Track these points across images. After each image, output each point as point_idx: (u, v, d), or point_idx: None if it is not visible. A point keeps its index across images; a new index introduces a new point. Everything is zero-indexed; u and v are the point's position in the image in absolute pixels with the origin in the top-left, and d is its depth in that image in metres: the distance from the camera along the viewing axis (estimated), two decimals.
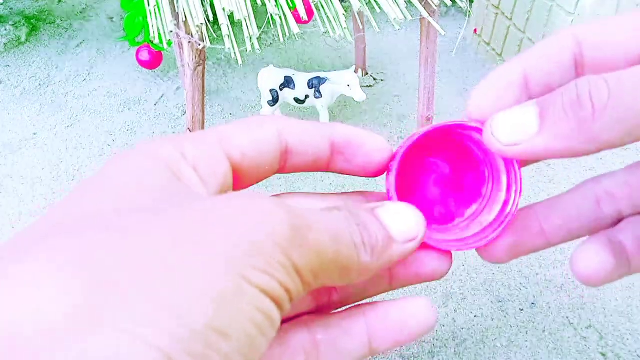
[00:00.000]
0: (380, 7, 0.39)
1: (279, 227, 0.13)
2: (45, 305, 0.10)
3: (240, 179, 0.16)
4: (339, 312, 0.20)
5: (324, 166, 0.18)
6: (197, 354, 0.11)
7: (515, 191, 0.19)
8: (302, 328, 0.19)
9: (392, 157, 0.18)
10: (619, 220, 0.20)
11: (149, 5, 0.40)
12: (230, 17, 0.37)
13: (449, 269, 0.19)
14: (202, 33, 0.39)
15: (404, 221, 0.17)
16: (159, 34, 0.40)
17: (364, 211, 0.17)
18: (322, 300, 0.19)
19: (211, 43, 0.40)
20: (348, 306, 0.21)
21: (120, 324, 0.10)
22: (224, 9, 0.36)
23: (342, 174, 0.20)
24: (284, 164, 0.17)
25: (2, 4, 0.82)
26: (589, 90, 0.16)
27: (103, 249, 0.11)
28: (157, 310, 0.11)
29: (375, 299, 0.20)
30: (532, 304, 0.36)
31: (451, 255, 0.18)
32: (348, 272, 0.16)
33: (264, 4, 0.38)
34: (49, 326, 0.10)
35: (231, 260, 0.12)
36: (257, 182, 0.17)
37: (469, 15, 0.77)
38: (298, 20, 0.45)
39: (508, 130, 0.17)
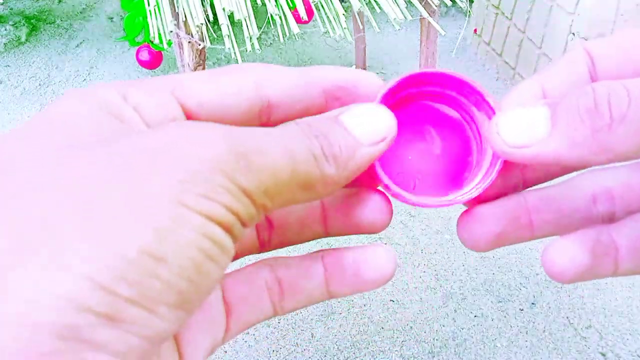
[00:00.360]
0: (380, 7, 0.39)
1: (217, 151, 0.12)
2: None
3: None
4: (299, 255, 0.20)
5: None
6: (133, 280, 0.11)
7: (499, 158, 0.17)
8: (265, 267, 0.19)
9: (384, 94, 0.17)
10: (610, 221, 0.19)
11: (149, 5, 0.40)
12: (230, 17, 0.37)
13: (389, 222, 0.18)
14: (202, 33, 0.39)
15: (371, 122, 0.16)
16: (159, 34, 0.40)
17: (325, 119, 0.16)
18: (262, 238, 0.18)
19: (211, 43, 0.40)
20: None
21: (46, 260, 0.10)
22: (224, 9, 0.36)
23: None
24: (268, 119, 0.16)
25: (2, 4, 0.82)
26: (607, 98, 0.15)
27: (33, 189, 0.11)
28: (89, 244, 0.10)
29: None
30: (532, 304, 0.36)
31: (391, 207, 0.18)
32: (311, 188, 0.15)
33: (264, 4, 0.38)
34: None
35: (167, 189, 0.12)
36: None
37: (469, 15, 0.77)
38: (298, 20, 0.45)
39: (516, 130, 0.16)
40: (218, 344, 0.17)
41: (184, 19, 0.38)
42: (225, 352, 0.34)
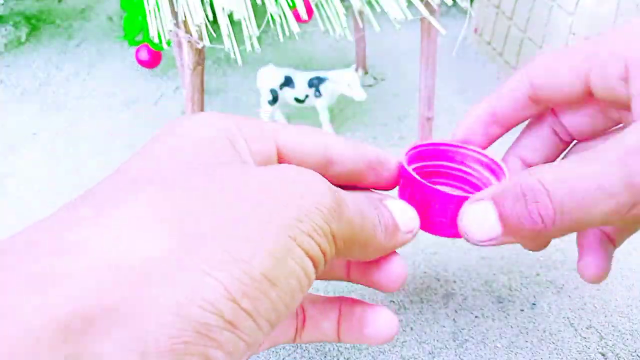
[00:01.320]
0: (380, 7, 0.39)
1: (323, 198, 0.15)
2: (145, 245, 0.12)
3: None
4: (323, 295, 0.25)
5: (358, 182, 0.22)
6: (252, 296, 0.13)
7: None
8: None
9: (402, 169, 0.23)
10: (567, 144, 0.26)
11: (148, 5, 0.40)
12: (230, 16, 0.37)
13: (400, 286, 0.23)
14: (201, 32, 0.39)
15: (407, 215, 0.21)
16: (158, 34, 0.40)
17: (376, 199, 0.20)
18: None
19: (210, 42, 0.40)
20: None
21: (201, 266, 0.13)
22: (223, 9, 0.36)
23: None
24: (326, 172, 0.20)
25: (2, 4, 0.82)
26: (536, 207, 0.18)
27: (185, 203, 0.14)
28: (227, 259, 0.13)
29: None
30: (533, 304, 0.36)
31: (405, 275, 0.22)
32: (367, 247, 0.19)
33: (263, 4, 0.38)
34: (149, 263, 0.12)
35: (283, 222, 0.14)
36: None
37: (469, 15, 0.77)
38: (298, 19, 0.45)
39: (477, 231, 0.20)
40: (252, 355, 0.21)
41: (184, 19, 0.38)
42: None
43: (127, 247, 0.12)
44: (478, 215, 0.20)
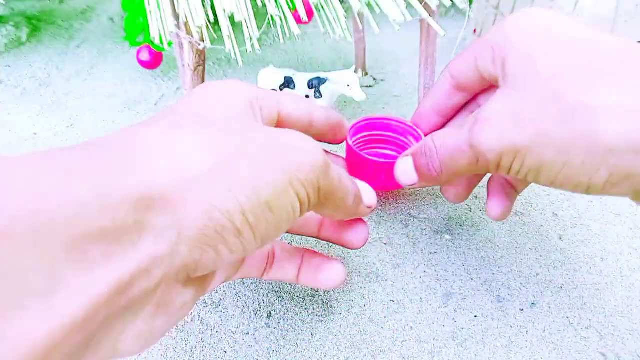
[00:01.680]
0: (380, 8, 0.39)
1: (316, 158, 0.21)
2: (194, 162, 0.17)
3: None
4: (292, 245, 0.32)
5: (323, 138, 0.30)
6: (255, 214, 0.18)
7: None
8: (274, 242, 0.31)
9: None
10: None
11: (149, 6, 0.40)
12: (231, 18, 0.37)
13: (364, 244, 0.30)
14: (202, 34, 0.39)
15: (369, 193, 0.27)
16: (160, 35, 0.40)
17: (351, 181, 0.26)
18: None
19: (211, 43, 0.40)
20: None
21: (227, 185, 0.18)
22: (224, 10, 0.36)
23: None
24: (308, 131, 0.27)
25: (3, 5, 0.83)
26: (431, 161, 0.27)
27: (224, 141, 0.19)
28: (245, 185, 0.18)
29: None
30: (533, 304, 0.36)
31: (367, 235, 0.30)
32: (338, 206, 0.24)
33: (264, 5, 0.38)
34: (195, 175, 0.17)
35: (287, 170, 0.19)
36: None
37: (468, 16, 0.78)
38: (298, 20, 0.45)
39: (404, 178, 0.30)
40: (228, 279, 0.29)
41: (185, 20, 0.38)
42: (225, 352, 0.34)
43: (182, 160, 0.17)
44: (404, 167, 0.29)
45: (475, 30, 0.79)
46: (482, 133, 0.23)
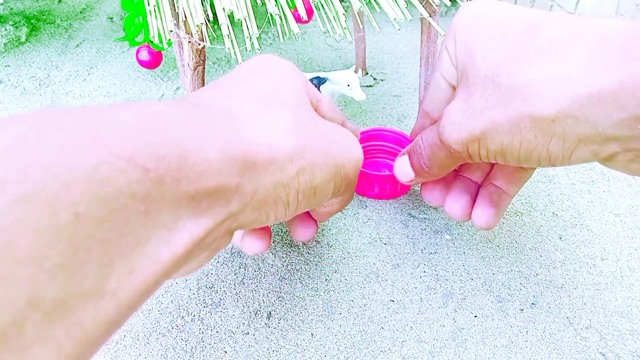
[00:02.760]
0: (380, 7, 0.39)
1: (358, 157, 0.26)
2: (280, 140, 0.21)
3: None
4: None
5: None
6: (305, 195, 0.23)
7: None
8: None
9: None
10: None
11: (148, 5, 0.40)
12: (230, 16, 0.37)
13: (314, 235, 0.33)
14: (202, 33, 0.39)
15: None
16: (159, 34, 0.40)
17: None
18: None
19: (211, 43, 0.40)
20: None
21: (299, 169, 0.22)
22: (224, 9, 0.36)
23: None
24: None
25: (2, 4, 0.82)
26: (421, 159, 0.30)
27: (301, 127, 0.23)
28: (308, 170, 0.22)
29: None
30: (533, 304, 0.36)
31: (316, 226, 0.33)
32: (340, 202, 0.30)
33: (263, 4, 0.38)
34: (280, 149, 0.21)
35: (337, 164, 0.24)
36: None
37: None
38: (298, 19, 0.45)
39: (402, 175, 0.33)
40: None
41: (184, 19, 0.38)
42: (225, 352, 0.34)
43: (276, 139, 0.21)
44: (401, 165, 0.32)
45: None
46: (446, 127, 0.26)
